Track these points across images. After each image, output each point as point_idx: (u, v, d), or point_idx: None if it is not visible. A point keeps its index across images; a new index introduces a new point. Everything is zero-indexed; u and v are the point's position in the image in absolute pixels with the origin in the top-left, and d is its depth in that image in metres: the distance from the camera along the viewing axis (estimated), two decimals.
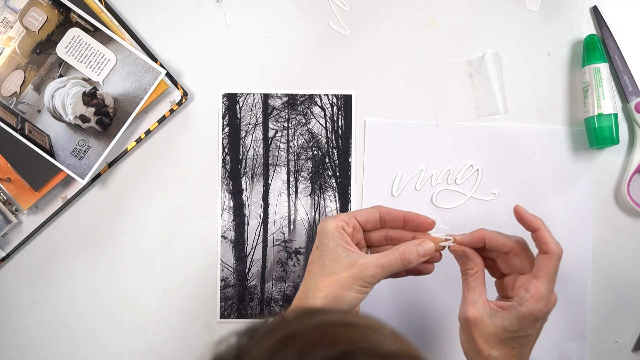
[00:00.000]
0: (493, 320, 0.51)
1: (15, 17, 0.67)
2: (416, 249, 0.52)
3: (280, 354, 0.29)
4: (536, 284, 0.51)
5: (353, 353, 0.30)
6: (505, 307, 0.51)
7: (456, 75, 0.69)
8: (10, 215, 0.68)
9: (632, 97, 0.67)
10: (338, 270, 0.50)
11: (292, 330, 0.31)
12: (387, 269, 0.51)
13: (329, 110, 0.69)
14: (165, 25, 0.69)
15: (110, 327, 0.69)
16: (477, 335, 0.51)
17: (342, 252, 0.51)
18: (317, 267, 0.52)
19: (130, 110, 0.67)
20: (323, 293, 0.50)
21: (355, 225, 0.54)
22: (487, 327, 0.51)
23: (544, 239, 0.52)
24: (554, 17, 0.69)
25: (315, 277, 0.51)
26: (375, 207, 0.55)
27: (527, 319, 0.50)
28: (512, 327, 0.51)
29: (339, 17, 0.69)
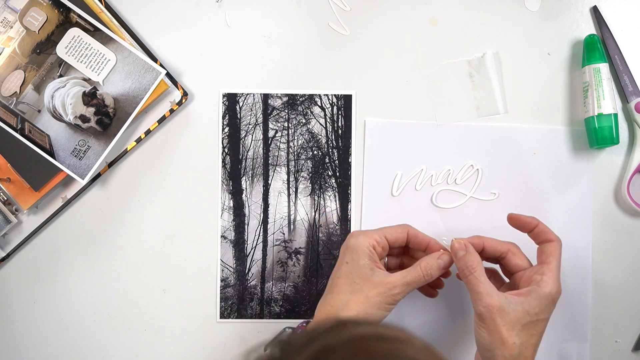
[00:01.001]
0: (512, 307, 0.52)
1: (15, 17, 0.67)
2: (436, 262, 0.55)
3: None
4: (550, 267, 0.55)
5: None
6: (522, 293, 0.54)
7: (456, 75, 0.69)
8: (10, 215, 0.68)
9: (632, 97, 0.67)
10: (367, 289, 0.53)
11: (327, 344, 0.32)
12: (412, 285, 0.54)
13: (329, 110, 0.69)
14: (165, 25, 0.69)
15: (110, 327, 0.69)
16: (500, 324, 0.52)
17: (370, 271, 0.53)
18: (346, 283, 0.54)
19: (130, 110, 0.67)
20: (354, 312, 0.52)
21: (385, 245, 0.56)
22: (509, 314, 0.52)
23: (544, 230, 0.57)
24: (554, 17, 0.69)
25: (344, 293, 0.53)
26: (404, 228, 0.58)
27: (547, 299, 0.53)
28: (533, 309, 0.52)
29: (339, 17, 0.69)
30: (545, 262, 0.55)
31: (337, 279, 0.55)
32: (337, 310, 0.53)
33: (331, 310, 0.53)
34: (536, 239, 0.58)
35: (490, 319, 0.52)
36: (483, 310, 0.53)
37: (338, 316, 0.52)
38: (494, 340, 0.52)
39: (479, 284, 0.54)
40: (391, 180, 0.68)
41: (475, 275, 0.54)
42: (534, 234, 0.58)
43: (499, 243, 0.57)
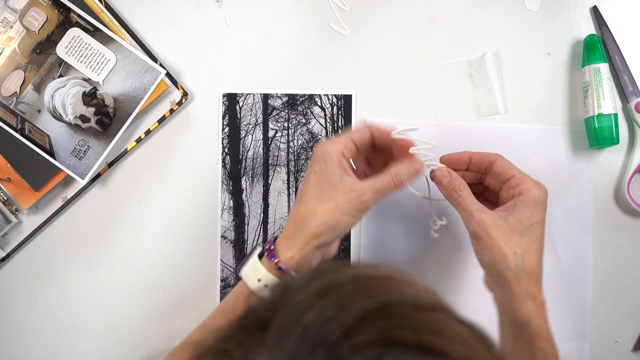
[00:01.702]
0: (504, 219, 0.52)
1: (15, 17, 0.67)
2: (407, 169, 0.54)
3: (319, 304, 0.30)
4: (516, 177, 0.55)
5: (391, 304, 0.30)
6: (509, 206, 0.54)
7: (456, 75, 0.69)
8: (10, 215, 0.68)
9: (632, 97, 0.67)
10: (336, 197, 0.51)
11: (330, 281, 0.32)
12: (382, 192, 0.52)
13: (329, 110, 0.69)
14: (165, 25, 0.69)
15: (110, 327, 0.69)
16: (497, 238, 0.52)
17: (339, 179, 0.52)
18: (315, 192, 0.52)
19: (130, 110, 0.67)
20: (323, 219, 0.51)
21: (352, 149, 0.54)
22: (502, 226, 0.52)
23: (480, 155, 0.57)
24: (554, 17, 0.69)
25: (313, 202, 0.52)
26: (366, 128, 0.56)
27: (534, 201, 0.53)
28: (524, 215, 0.52)
29: (339, 17, 0.69)
30: (508, 176, 0.55)
31: (305, 189, 0.53)
32: (304, 219, 0.51)
33: (298, 219, 0.52)
34: (480, 168, 0.58)
35: (486, 234, 0.52)
36: (477, 227, 0.52)
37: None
38: (494, 256, 0.52)
39: (469, 203, 0.54)
40: None
41: (463, 196, 0.54)
42: (474, 165, 0.58)
43: (485, 153, 0.57)
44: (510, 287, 0.52)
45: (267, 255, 0.52)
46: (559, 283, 0.67)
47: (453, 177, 0.56)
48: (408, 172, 0.53)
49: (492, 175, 0.57)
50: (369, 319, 0.29)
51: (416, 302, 0.31)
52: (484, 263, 0.54)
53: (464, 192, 0.54)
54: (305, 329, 0.29)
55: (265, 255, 0.52)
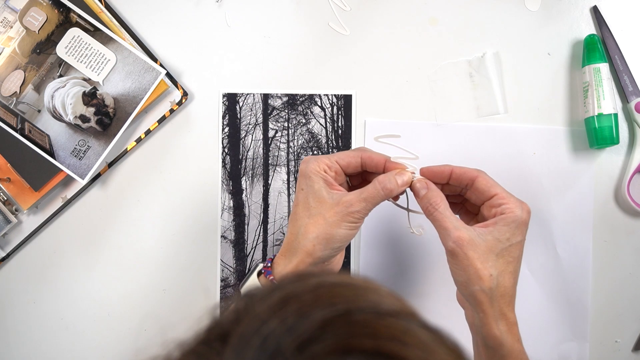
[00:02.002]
0: (482, 238, 0.51)
1: (15, 17, 0.67)
2: (395, 178, 0.53)
3: (279, 313, 0.30)
4: (499, 195, 0.53)
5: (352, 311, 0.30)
6: (488, 224, 0.52)
7: (456, 75, 0.69)
8: (10, 215, 0.68)
9: (632, 97, 0.67)
10: (324, 211, 0.51)
11: (290, 291, 0.31)
12: (370, 201, 0.52)
13: (329, 110, 0.69)
14: (165, 25, 0.69)
15: (110, 327, 0.69)
16: (473, 257, 0.50)
17: (326, 193, 0.52)
18: (303, 209, 0.52)
19: (130, 110, 0.67)
20: (313, 234, 0.51)
21: (337, 170, 0.54)
22: (479, 245, 0.50)
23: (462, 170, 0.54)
24: (554, 17, 0.69)
25: (302, 219, 0.52)
26: (358, 152, 0.55)
27: (515, 222, 0.51)
28: (503, 235, 0.51)
29: (339, 17, 0.69)
30: (491, 194, 0.53)
31: (295, 207, 0.53)
32: (296, 237, 0.51)
33: (290, 237, 0.52)
34: (460, 184, 0.55)
35: (461, 253, 0.50)
36: (453, 246, 0.50)
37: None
38: (469, 275, 0.50)
39: (445, 219, 0.51)
40: None
41: (440, 210, 0.52)
42: (455, 180, 0.55)
43: (467, 169, 0.55)
44: (482, 309, 0.51)
45: (264, 273, 0.53)
46: (559, 283, 0.67)
47: (430, 189, 0.53)
48: (397, 182, 0.53)
49: (474, 192, 0.55)
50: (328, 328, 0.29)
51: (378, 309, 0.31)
52: (458, 282, 0.52)
53: (441, 206, 0.52)
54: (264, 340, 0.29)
55: (263, 273, 0.53)
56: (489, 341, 0.51)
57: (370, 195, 0.52)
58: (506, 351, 0.51)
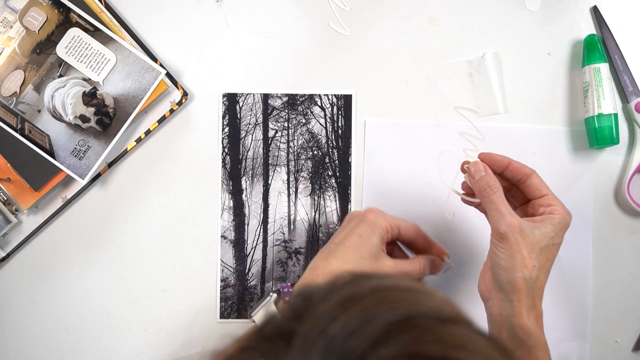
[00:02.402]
0: (530, 230, 0.53)
1: (15, 17, 0.67)
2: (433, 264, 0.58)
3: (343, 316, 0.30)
4: (550, 196, 0.56)
5: (415, 316, 0.30)
6: (537, 219, 0.54)
7: (456, 75, 0.69)
8: (10, 215, 0.68)
9: (632, 97, 0.67)
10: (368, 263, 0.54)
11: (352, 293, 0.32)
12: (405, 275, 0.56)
13: (329, 110, 0.69)
14: (165, 25, 0.69)
15: (110, 327, 0.69)
16: (523, 245, 0.52)
17: (378, 252, 0.55)
18: (353, 254, 0.55)
19: (130, 110, 0.67)
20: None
21: (395, 235, 0.57)
22: (528, 236, 0.52)
23: (519, 165, 0.57)
24: (554, 17, 0.69)
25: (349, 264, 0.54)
26: (415, 229, 0.59)
27: (561, 224, 0.54)
28: (549, 233, 0.53)
29: (339, 17, 0.69)
30: (542, 194, 0.56)
31: (345, 247, 0.55)
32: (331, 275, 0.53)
33: (323, 271, 0.54)
34: (513, 177, 0.57)
35: (513, 239, 0.52)
36: (506, 229, 0.52)
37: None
38: (515, 261, 0.52)
39: (501, 204, 0.53)
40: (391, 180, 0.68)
41: (497, 194, 0.54)
42: (510, 172, 0.57)
43: (523, 165, 0.57)
44: (519, 297, 0.52)
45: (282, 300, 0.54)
46: (559, 283, 0.67)
47: (488, 173, 0.55)
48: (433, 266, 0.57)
49: (525, 188, 0.57)
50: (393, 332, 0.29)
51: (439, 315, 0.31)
52: (500, 266, 0.53)
53: (498, 190, 0.54)
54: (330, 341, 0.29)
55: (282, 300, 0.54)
56: (518, 331, 0.52)
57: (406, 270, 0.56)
58: (534, 342, 0.52)
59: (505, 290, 0.53)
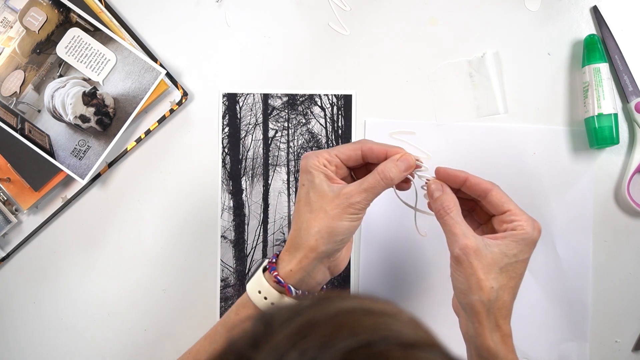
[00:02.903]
0: (489, 249, 0.50)
1: (15, 17, 0.67)
2: (396, 165, 0.52)
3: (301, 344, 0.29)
4: (514, 212, 0.52)
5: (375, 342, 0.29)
6: (499, 237, 0.51)
7: (456, 75, 0.69)
8: (10, 215, 0.68)
9: (632, 97, 0.67)
10: (325, 205, 0.51)
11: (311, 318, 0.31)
12: (371, 191, 0.51)
13: (329, 110, 0.69)
14: (165, 25, 0.69)
15: (110, 327, 0.69)
16: (478, 267, 0.50)
17: (327, 187, 0.51)
18: (304, 204, 0.52)
19: (130, 110, 0.67)
20: (315, 228, 0.50)
21: (338, 164, 0.54)
22: (486, 256, 0.50)
23: (477, 181, 0.53)
24: (554, 17, 0.69)
25: (304, 214, 0.52)
26: (358, 144, 0.54)
27: (525, 241, 0.51)
28: (511, 251, 0.50)
29: (339, 17, 0.69)
30: (504, 210, 0.52)
31: (297, 203, 0.53)
32: (298, 233, 0.51)
33: (293, 234, 0.52)
34: (473, 192, 0.54)
35: (466, 262, 0.50)
36: (459, 252, 0.50)
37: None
38: (470, 284, 0.50)
39: (455, 225, 0.51)
40: None
41: (451, 215, 0.51)
42: (468, 188, 0.54)
43: (481, 181, 0.54)
44: (478, 319, 0.50)
45: (268, 269, 0.52)
46: (559, 283, 0.67)
47: (445, 192, 0.53)
48: (397, 168, 0.52)
49: (486, 204, 0.54)
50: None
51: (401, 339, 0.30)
52: (458, 289, 0.52)
53: (453, 211, 0.52)
54: None
55: (267, 269, 0.53)
56: (482, 352, 0.51)
57: (370, 185, 0.51)
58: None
59: (466, 311, 0.52)
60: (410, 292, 0.69)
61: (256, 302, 0.51)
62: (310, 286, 0.52)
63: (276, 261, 0.53)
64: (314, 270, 0.51)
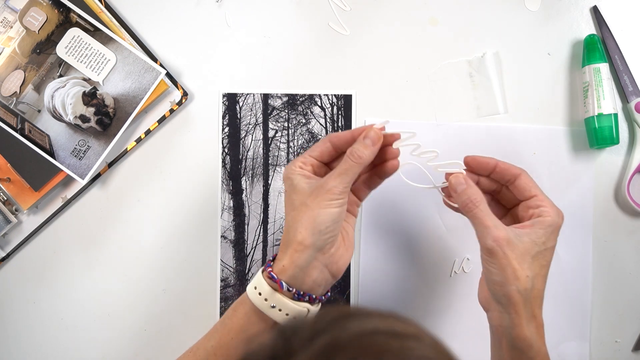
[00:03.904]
0: (520, 239, 0.51)
1: (15, 17, 0.67)
2: (362, 142, 0.52)
3: None
4: (539, 197, 0.54)
5: None
6: (526, 225, 0.52)
7: (456, 75, 0.69)
8: (10, 215, 0.68)
9: (632, 97, 0.67)
10: (305, 199, 0.51)
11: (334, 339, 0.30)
12: (345, 174, 0.51)
13: (329, 110, 0.69)
14: (165, 25, 0.69)
15: (110, 327, 0.69)
16: (512, 257, 0.50)
17: (305, 184, 0.52)
18: (289, 206, 0.53)
19: (130, 110, 0.67)
20: (299, 222, 0.51)
21: (313, 163, 0.54)
22: (517, 246, 0.51)
23: (506, 166, 0.55)
24: (554, 17, 0.69)
25: (289, 214, 0.52)
26: (325, 138, 0.55)
27: (552, 226, 0.52)
28: (540, 239, 0.51)
29: (339, 17, 0.69)
30: (531, 194, 0.54)
31: (285, 207, 0.54)
32: (287, 232, 0.52)
33: (284, 234, 0.53)
34: (502, 178, 0.56)
35: (501, 253, 0.50)
36: (493, 244, 0.50)
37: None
38: (506, 275, 0.50)
39: (485, 217, 0.51)
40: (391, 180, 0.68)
41: (480, 208, 0.52)
42: (498, 174, 0.56)
43: (511, 166, 0.55)
44: (516, 310, 0.51)
45: (265, 266, 0.53)
46: (559, 283, 0.67)
47: (469, 185, 0.53)
48: (365, 144, 0.52)
49: (513, 189, 0.55)
50: None
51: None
52: (492, 281, 0.52)
53: (481, 203, 0.52)
54: None
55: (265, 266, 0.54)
56: (518, 342, 0.51)
57: (343, 168, 0.51)
58: (534, 353, 0.51)
59: (502, 303, 0.52)
60: (411, 293, 0.69)
61: (252, 298, 0.52)
62: (307, 285, 0.51)
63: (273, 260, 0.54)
64: (308, 267, 0.51)
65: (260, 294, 0.51)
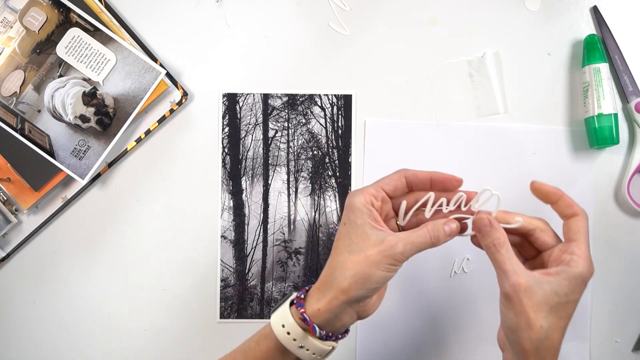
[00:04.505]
0: (541, 287, 0.49)
1: (15, 17, 0.67)
2: (443, 228, 0.51)
3: None
4: (578, 245, 0.51)
5: None
6: (551, 272, 0.50)
7: (456, 75, 0.69)
8: (10, 215, 0.68)
9: (632, 97, 0.67)
10: (366, 248, 0.49)
11: None
12: (416, 245, 0.50)
13: (329, 110, 0.69)
14: (165, 25, 0.69)
15: (110, 327, 0.69)
16: (528, 305, 0.48)
17: (369, 230, 0.50)
18: (344, 243, 0.50)
19: (130, 110, 0.67)
20: (351, 271, 0.49)
21: (384, 198, 0.53)
22: (536, 294, 0.49)
23: (569, 202, 0.52)
24: (554, 17, 0.69)
25: (342, 254, 0.50)
26: (400, 173, 0.54)
27: (578, 279, 0.49)
28: (563, 290, 0.49)
29: (339, 17, 0.69)
30: (573, 239, 0.51)
31: (336, 241, 0.51)
32: (333, 272, 0.50)
33: (328, 272, 0.51)
34: (560, 212, 0.53)
35: (517, 299, 0.48)
36: (509, 290, 0.49)
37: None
38: (520, 322, 0.49)
39: (506, 262, 0.49)
40: None
41: (502, 252, 0.50)
42: (558, 207, 0.53)
43: (527, 219, 0.53)
44: (526, 358, 0.49)
45: (296, 304, 0.51)
46: None
47: (494, 227, 0.51)
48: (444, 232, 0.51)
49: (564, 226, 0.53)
50: None
51: None
52: (507, 325, 0.50)
53: (503, 247, 0.50)
54: None
55: (295, 304, 0.51)
56: None
57: (417, 239, 0.50)
58: None
59: (513, 348, 0.51)
60: (411, 293, 0.69)
61: (279, 336, 0.50)
62: (335, 327, 0.51)
63: (304, 297, 0.51)
64: (342, 313, 0.50)
65: (289, 334, 0.50)
